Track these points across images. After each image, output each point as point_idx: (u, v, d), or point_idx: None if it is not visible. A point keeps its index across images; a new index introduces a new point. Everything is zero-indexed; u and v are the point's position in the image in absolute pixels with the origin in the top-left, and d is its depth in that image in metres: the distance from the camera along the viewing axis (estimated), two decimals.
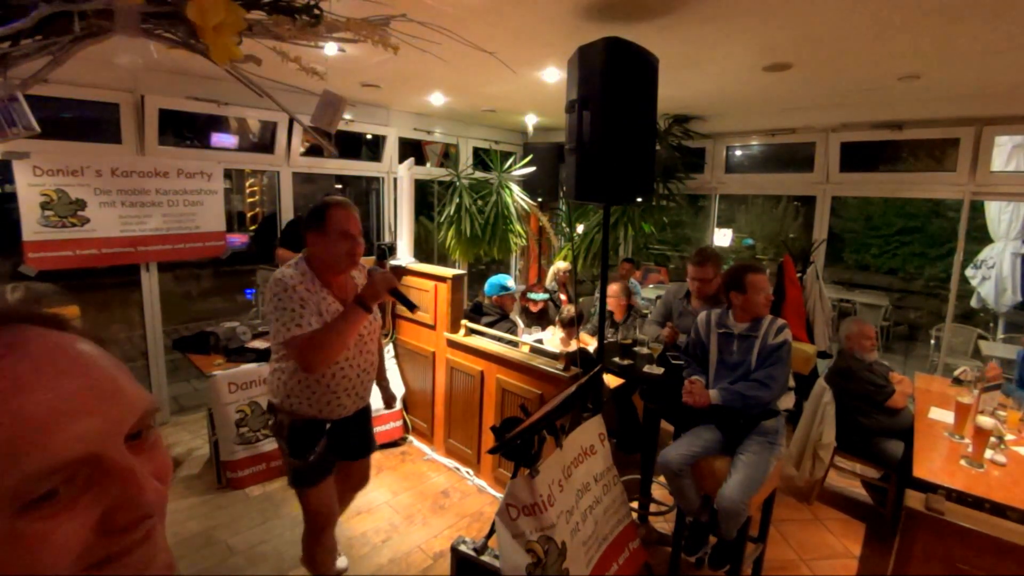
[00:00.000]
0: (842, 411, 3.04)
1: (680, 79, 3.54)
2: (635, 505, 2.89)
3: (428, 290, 3.66)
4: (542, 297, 4.60)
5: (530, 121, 5.41)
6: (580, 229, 5.76)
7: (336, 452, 2.13)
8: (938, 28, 2.46)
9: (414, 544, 2.84)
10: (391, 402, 2.46)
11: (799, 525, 3.08)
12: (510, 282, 4.16)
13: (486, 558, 2.02)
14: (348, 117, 4.42)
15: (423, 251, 6.04)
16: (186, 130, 4.24)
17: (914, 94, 3.78)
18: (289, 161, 4.57)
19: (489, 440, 2.90)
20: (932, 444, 2.60)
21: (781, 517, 3.07)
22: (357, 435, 2.23)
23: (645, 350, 2.93)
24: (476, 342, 3.38)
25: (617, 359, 2.90)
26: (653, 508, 3.08)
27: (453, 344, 3.51)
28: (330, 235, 1.87)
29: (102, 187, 3.59)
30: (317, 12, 1.55)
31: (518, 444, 1.87)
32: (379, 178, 5.49)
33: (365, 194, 7.65)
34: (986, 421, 2.39)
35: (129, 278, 4.01)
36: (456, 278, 3.50)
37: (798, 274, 4.23)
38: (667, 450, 2.45)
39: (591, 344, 3.47)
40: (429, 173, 5.69)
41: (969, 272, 5.55)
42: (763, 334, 2.43)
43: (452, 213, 5.36)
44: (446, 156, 5.90)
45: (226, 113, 4.08)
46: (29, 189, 3.33)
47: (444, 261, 5.90)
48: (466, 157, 5.95)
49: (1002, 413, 2.73)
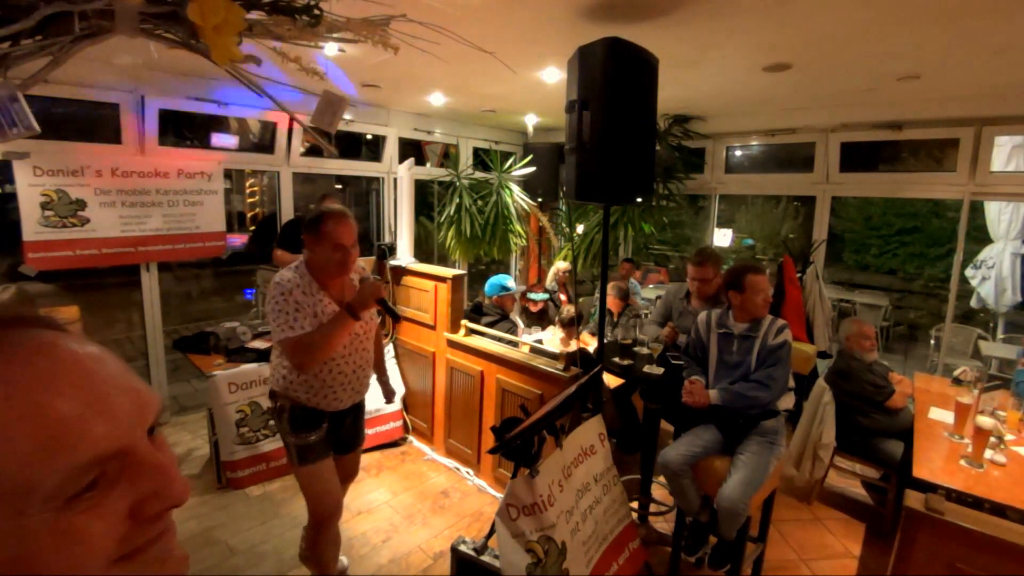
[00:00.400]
0: (842, 411, 3.04)
1: (680, 79, 3.55)
2: (635, 505, 2.89)
3: (428, 290, 3.66)
4: (542, 297, 4.60)
5: (530, 121, 5.41)
6: (580, 229, 5.76)
7: (333, 443, 2.20)
8: (938, 28, 2.46)
9: (414, 544, 2.84)
10: (391, 397, 2.52)
11: (799, 525, 3.08)
12: (510, 282, 4.17)
13: (486, 558, 2.02)
14: (348, 117, 4.42)
15: (423, 251, 6.03)
16: (186, 130, 4.24)
17: (914, 94, 3.78)
18: (289, 161, 4.57)
19: (489, 440, 2.91)
20: (932, 444, 2.60)
21: (781, 517, 3.07)
22: (350, 428, 2.30)
23: (645, 350, 2.93)
24: (476, 342, 3.38)
25: (617, 359, 2.90)
26: (653, 508, 3.09)
27: (453, 344, 3.51)
28: (324, 244, 1.95)
29: (102, 187, 3.59)
30: (317, 12, 1.56)
31: (518, 444, 1.87)
32: (379, 178, 5.49)
33: (365, 194, 7.66)
34: (986, 421, 2.39)
35: (129, 278, 4.01)
36: (456, 278, 3.50)
37: (798, 274, 4.23)
38: (667, 450, 2.45)
39: (591, 344, 3.47)
40: (429, 173, 5.69)
41: (969, 272, 5.56)
42: (763, 334, 2.43)
43: (452, 213, 5.36)
44: (446, 156, 5.90)
45: (226, 114, 4.08)
46: (29, 189, 3.33)
47: (444, 261, 5.91)
48: (466, 157, 5.96)
49: (1002, 413, 2.73)
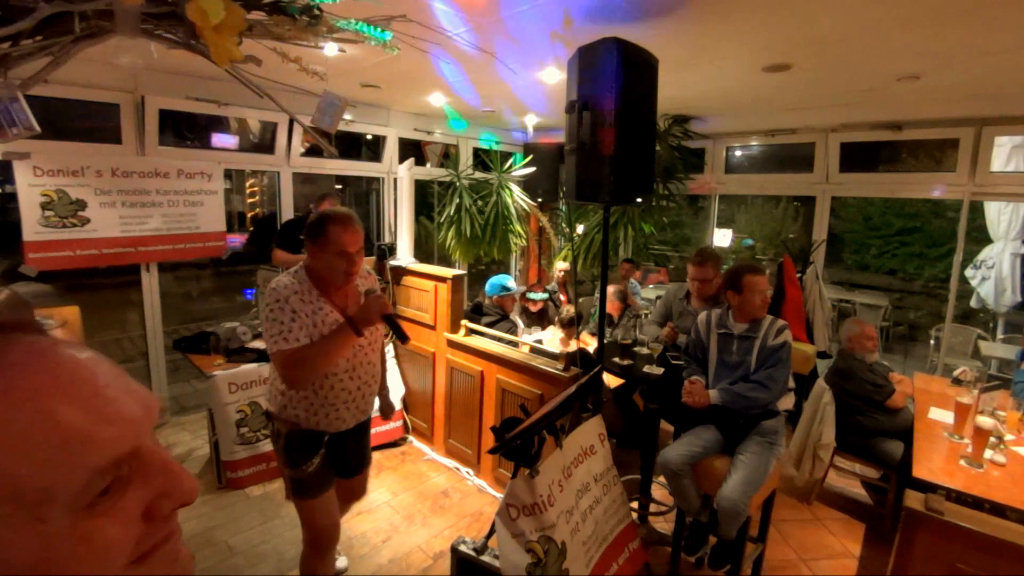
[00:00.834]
0: (842, 411, 3.04)
1: (680, 79, 3.55)
2: (635, 505, 2.89)
3: (428, 290, 3.66)
4: (541, 297, 4.61)
5: (530, 121, 5.41)
6: (580, 229, 5.76)
7: (333, 467, 2.04)
8: (938, 28, 2.46)
9: (414, 544, 2.84)
10: (388, 412, 2.37)
11: (799, 525, 3.08)
12: (511, 282, 4.18)
13: (486, 558, 2.03)
14: (348, 117, 4.42)
15: (423, 251, 6.03)
16: (186, 130, 4.24)
17: (914, 94, 3.78)
18: (289, 161, 4.58)
19: (489, 440, 2.91)
20: (932, 444, 2.60)
21: (781, 517, 3.07)
22: (355, 450, 2.14)
23: (645, 350, 2.93)
24: (476, 342, 3.38)
25: (617, 359, 2.90)
26: (653, 508, 3.09)
27: (453, 344, 3.51)
28: (327, 251, 1.79)
29: (102, 187, 3.59)
30: (317, 13, 1.56)
31: (518, 444, 1.87)
32: (379, 178, 5.49)
33: (365, 194, 7.66)
34: (986, 421, 2.39)
35: (129, 278, 4.01)
36: (456, 278, 3.50)
37: (798, 274, 4.23)
38: (667, 450, 2.45)
39: (591, 344, 3.47)
40: (429, 173, 5.69)
41: (969, 272, 5.56)
42: (763, 335, 2.43)
43: (452, 213, 5.36)
44: (446, 156, 5.90)
45: (226, 114, 4.08)
46: (29, 189, 3.33)
47: (444, 261, 5.90)
48: (466, 157, 5.96)
49: (1002, 413, 2.73)
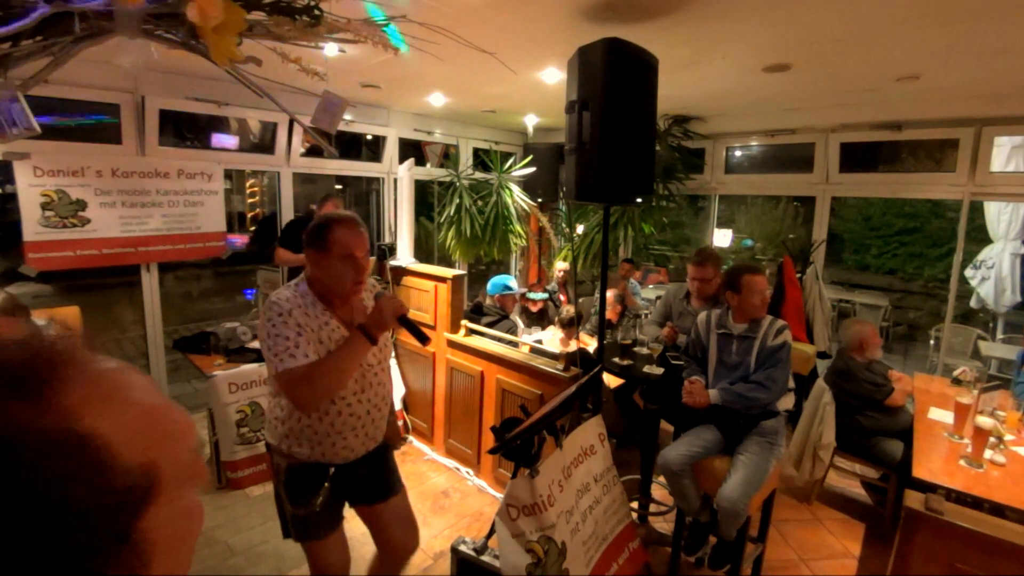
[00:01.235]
0: (841, 411, 3.04)
1: (680, 79, 3.55)
2: (635, 505, 2.89)
3: (428, 290, 3.66)
4: (541, 297, 4.61)
5: (530, 122, 5.41)
6: (580, 229, 5.76)
7: (348, 496, 1.84)
8: (937, 28, 2.46)
9: None
10: (395, 440, 2.11)
11: (799, 525, 3.08)
12: (513, 282, 4.23)
13: (486, 558, 2.03)
14: (348, 117, 4.42)
15: (423, 251, 6.03)
16: (186, 131, 4.24)
17: (913, 95, 3.78)
18: (289, 162, 4.58)
19: (489, 440, 2.91)
20: (931, 444, 2.60)
21: (781, 517, 3.07)
22: (371, 478, 1.87)
23: (645, 350, 2.94)
24: (476, 342, 3.38)
25: (617, 359, 2.91)
26: (653, 508, 3.09)
27: (453, 344, 3.52)
28: (332, 257, 1.63)
29: (103, 187, 3.59)
30: (317, 13, 1.56)
31: (518, 444, 1.87)
32: (379, 178, 5.49)
33: (365, 195, 7.66)
34: (985, 421, 2.39)
35: (129, 278, 4.01)
36: (456, 278, 3.50)
37: (798, 274, 4.23)
38: (667, 450, 2.45)
39: (591, 344, 3.47)
40: (429, 173, 5.69)
41: (968, 272, 5.56)
42: (762, 335, 2.43)
43: (452, 214, 5.36)
44: (446, 156, 5.90)
45: (226, 114, 4.08)
46: (30, 190, 3.33)
47: (444, 262, 5.91)
48: (466, 157, 5.96)
49: (1001, 413, 2.73)
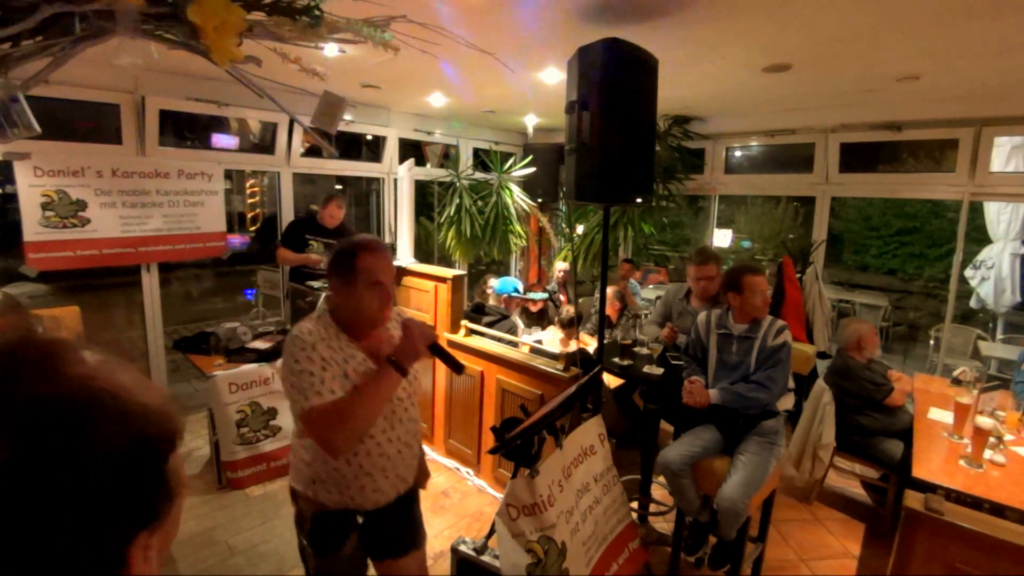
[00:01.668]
0: (841, 410, 3.04)
1: (680, 80, 3.55)
2: (635, 505, 2.89)
3: (428, 291, 3.66)
4: (541, 296, 4.62)
5: (530, 122, 5.41)
6: (580, 230, 5.76)
7: (373, 549, 1.70)
8: (937, 29, 2.46)
9: None
10: (424, 480, 1.86)
11: (799, 525, 3.08)
12: (521, 287, 4.41)
13: (486, 558, 2.03)
14: (348, 118, 4.43)
15: (423, 252, 6.04)
16: (187, 131, 4.25)
17: (913, 95, 3.78)
18: (289, 162, 4.58)
19: (489, 440, 2.91)
20: (931, 444, 2.60)
21: (781, 517, 3.07)
22: (398, 526, 1.72)
23: (645, 350, 2.93)
24: (476, 342, 3.38)
25: (617, 359, 2.91)
26: (653, 508, 3.09)
27: (453, 344, 3.51)
28: (358, 285, 1.52)
29: (103, 188, 3.59)
30: (317, 13, 1.56)
31: (518, 444, 1.87)
32: (379, 179, 5.50)
33: (365, 195, 7.67)
34: (985, 421, 2.39)
35: (130, 279, 4.01)
36: (456, 279, 3.51)
37: (797, 275, 4.23)
38: (667, 450, 2.45)
39: (590, 344, 3.47)
40: (429, 174, 5.69)
41: (968, 273, 5.56)
42: (762, 335, 2.43)
43: (452, 214, 5.36)
44: (446, 157, 5.91)
45: (226, 114, 4.09)
46: (30, 190, 3.34)
47: (444, 262, 5.91)
48: (466, 158, 5.96)
49: (1001, 413, 2.73)
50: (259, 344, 3.56)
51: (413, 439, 1.67)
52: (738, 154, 5.57)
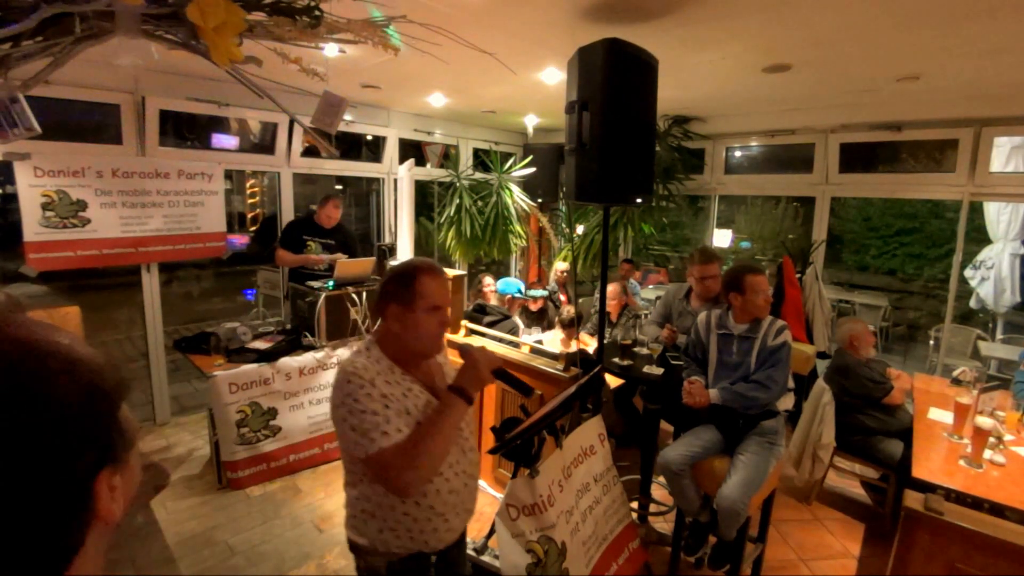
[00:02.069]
0: (841, 410, 3.04)
1: (680, 80, 3.55)
2: (635, 505, 2.89)
3: None
4: (540, 294, 4.63)
5: (530, 122, 5.42)
6: (580, 230, 5.77)
7: None
8: (938, 29, 2.46)
9: None
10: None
11: (798, 525, 3.08)
12: (523, 287, 4.47)
13: (486, 558, 2.03)
14: (348, 118, 4.43)
15: (423, 252, 6.04)
16: (187, 131, 4.25)
17: (913, 95, 3.78)
18: (289, 162, 4.58)
19: (489, 440, 2.91)
20: (931, 444, 2.60)
21: (780, 517, 3.07)
22: (462, 558, 1.67)
23: (645, 351, 2.93)
24: (476, 342, 3.37)
25: (617, 359, 2.91)
26: (653, 508, 3.09)
27: (453, 344, 3.51)
28: (418, 311, 1.42)
29: (103, 188, 3.60)
30: (318, 14, 1.56)
31: (518, 444, 1.87)
32: (379, 179, 5.49)
33: (365, 195, 7.67)
34: (985, 421, 2.39)
35: (130, 279, 4.02)
36: (456, 279, 3.51)
37: (797, 275, 4.23)
38: (667, 450, 2.45)
39: (590, 345, 3.47)
40: (429, 174, 5.69)
41: (968, 273, 5.56)
42: (763, 335, 2.43)
43: (452, 214, 5.37)
44: (446, 157, 5.91)
45: (226, 114, 4.09)
46: (30, 190, 3.34)
47: (444, 262, 5.91)
48: (466, 158, 5.96)
49: (1001, 413, 2.74)
50: (259, 344, 3.56)
51: (475, 469, 1.60)
52: (738, 154, 5.57)
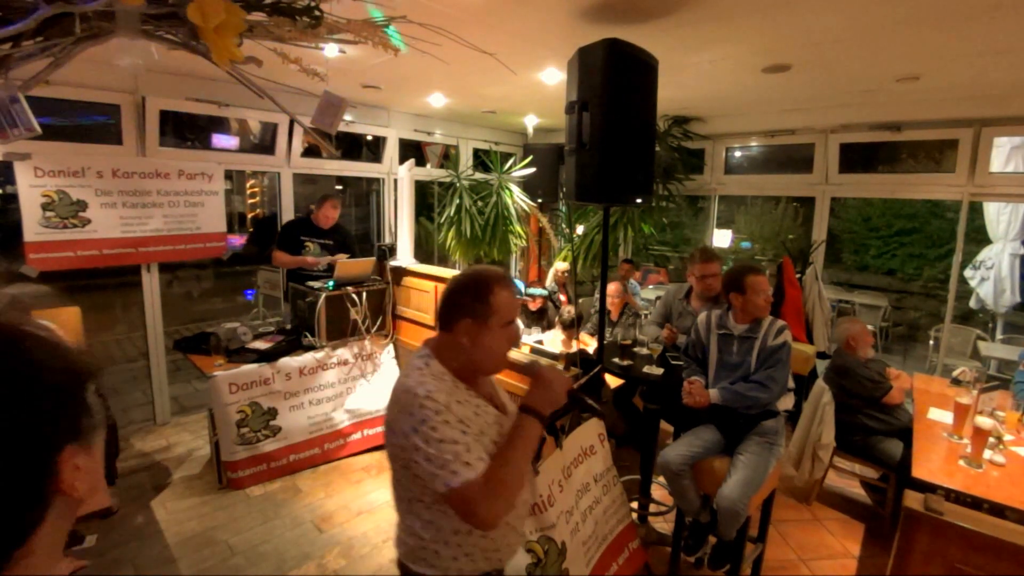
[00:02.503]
0: (841, 410, 3.05)
1: (680, 80, 3.55)
2: (635, 505, 2.90)
3: (428, 291, 3.67)
4: (540, 293, 4.63)
5: (530, 122, 5.42)
6: (580, 230, 5.77)
7: None
8: (937, 29, 2.47)
9: None
10: None
11: (798, 525, 3.08)
12: (523, 287, 4.53)
13: None
14: (348, 118, 4.43)
15: (423, 252, 6.04)
16: (187, 131, 4.25)
17: (913, 95, 3.79)
18: (289, 162, 4.58)
19: None
20: (931, 444, 2.60)
21: (780, 517, 3.07)
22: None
23: (645, 351, 2.93)
24: None
25: (617, 359, 2.91)
26: (653, 508, 3.09)
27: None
28: (493, 326, 1.32)
29: (103, 188, 3.60)
30: (318, 14, 1.56)
31: None
32: (379, 179, 5.50)
33: (365, 195, 7.68)
34: (985, 421, 2.39)
35: (130, 279, 4.02)
36: None
37: (797, 275, 4.24)
38: (667, 450, 2.45)
39: (591, 345, 3.47)
40: (429, 174, 5.70)
41: (968, 273, 5.57)
42: (763, 335, 2.43)
43: (452, 214, 5.37)
44: (446, 157, 5.91)
45: (226, 114, 4.09)
46: (30, 190, 3.34)
47: (444, 262, 5.91)
48: (466, 158, 5.96)
49: (1001, 413, 2.74)
50: (259, 344, 3.56)
51: (529, 487, 1.52)
52: (738, 154, 5.57)
